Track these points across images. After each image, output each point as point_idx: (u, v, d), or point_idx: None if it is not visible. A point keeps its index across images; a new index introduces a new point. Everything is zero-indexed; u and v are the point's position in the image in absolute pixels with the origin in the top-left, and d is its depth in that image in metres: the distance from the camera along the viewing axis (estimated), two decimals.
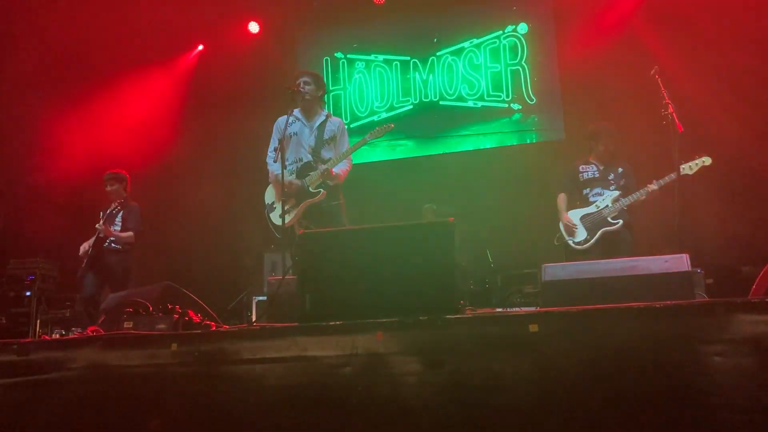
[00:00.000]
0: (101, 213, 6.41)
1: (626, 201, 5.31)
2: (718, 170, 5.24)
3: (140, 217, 6.45)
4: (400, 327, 2.72)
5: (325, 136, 5.09)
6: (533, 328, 2.56)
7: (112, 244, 6.25)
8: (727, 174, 6.14)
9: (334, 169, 4.95)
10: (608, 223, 5.32)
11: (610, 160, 5.55)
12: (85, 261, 6.13)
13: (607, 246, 5.31)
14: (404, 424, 2.60)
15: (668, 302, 2.65)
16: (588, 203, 5.48)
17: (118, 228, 6.30)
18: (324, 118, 5.16)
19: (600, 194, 5.46)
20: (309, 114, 5.16)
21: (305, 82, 5.12)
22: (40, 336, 6.46)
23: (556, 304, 3.31)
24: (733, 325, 2.36)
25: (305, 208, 4.95)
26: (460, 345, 2.63)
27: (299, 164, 5.04)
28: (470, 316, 2.84)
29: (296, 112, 5.11)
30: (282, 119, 5.15)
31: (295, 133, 5.09)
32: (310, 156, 5.03)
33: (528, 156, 7.97)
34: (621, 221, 5.31)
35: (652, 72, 4.84)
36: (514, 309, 5.82)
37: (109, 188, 6.43)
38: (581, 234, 5.41)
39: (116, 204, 6.35)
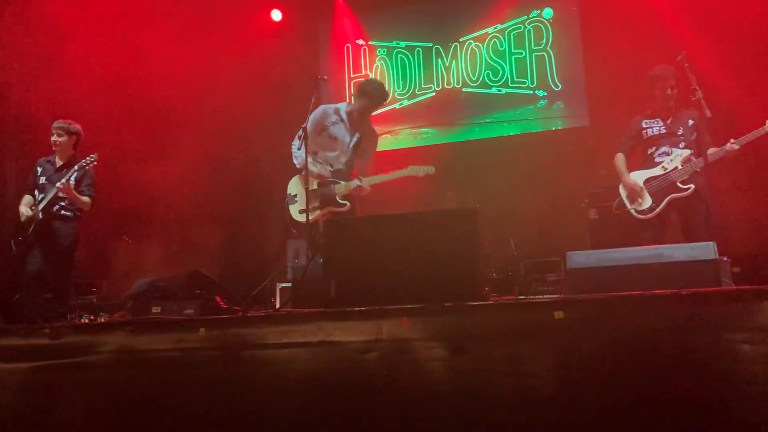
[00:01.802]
0: (38, 170, 5.33)
1: (699, 162, 4.53)
2: (746, 158, 5.14)
3: (95, 182, 5.40)
4: (425, 313, 2.74)
5: (361, 146, 5.13)
6: (558, 315, 2.56)
7: (62, 210, 5.20)
8: (755, 162, 6.03)
9: (365, 186, 4.96)
10: (677, 188, 4.62)
11: (675, 110, 4.89)
12: (31, 229, 5.10)
13: (676, 215, 4.72)
14: (428, 409, 2.62)
15: (695, 289, 2.63)
16: (653, 164, 4.81)
17: None
18: (366, 126, 5.18)
19: (667, 153, 4.77)
20: (355, 125, 5.13)
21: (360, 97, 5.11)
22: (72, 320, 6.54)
23: (581, 291, 3.30)
24: (762, 313, 2.34)
25: (326, 214, 4.97)
26: (484, 331, 2.64)
27: (331, 169, 5.03)
28: (495, 302, 2.85)
29: (342, 110, 5.09)
30: (328, 110, 5.12)
31: (336, 137, 5.07)
32: (343, 164, 5.03)
33: (553, 143, 7.89)
34: (692, 186, 4.60)
35: (679, 58, 4.70)
36: (536, 297, 5.80)
37: (56, 138, 5.27)
38: (646, 200, 4.72)
39: (63, 161, 5.31)
